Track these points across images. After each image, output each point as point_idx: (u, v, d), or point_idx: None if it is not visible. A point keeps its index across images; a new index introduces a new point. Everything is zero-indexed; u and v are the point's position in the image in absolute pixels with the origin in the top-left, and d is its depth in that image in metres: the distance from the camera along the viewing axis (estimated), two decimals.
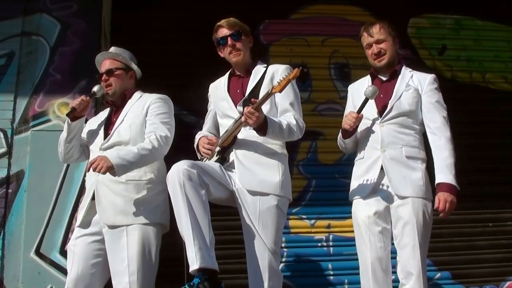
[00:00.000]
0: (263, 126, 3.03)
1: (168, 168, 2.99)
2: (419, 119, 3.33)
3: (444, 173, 3.16)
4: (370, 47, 3.41)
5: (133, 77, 3.59)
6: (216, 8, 4.84)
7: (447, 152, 3.20)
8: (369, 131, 3.35)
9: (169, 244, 3.35)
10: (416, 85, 3.36)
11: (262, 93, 3.15)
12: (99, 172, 3.06)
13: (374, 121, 3.34)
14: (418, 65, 5.52)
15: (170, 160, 3.05)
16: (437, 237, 4.83)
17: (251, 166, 3.17)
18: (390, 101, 3.32)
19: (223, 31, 3.35)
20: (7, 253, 4.22)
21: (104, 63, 3.54)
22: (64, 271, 3.95)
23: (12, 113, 4.48)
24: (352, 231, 3.42)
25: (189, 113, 5.12)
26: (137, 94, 3.54)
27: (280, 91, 2.99)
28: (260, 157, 3.19)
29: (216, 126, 3.50)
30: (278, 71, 3.26)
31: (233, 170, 3.21)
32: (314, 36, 5.54)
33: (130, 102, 3.49)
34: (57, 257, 4.19)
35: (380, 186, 3.26)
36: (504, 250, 5.14)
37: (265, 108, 3.12)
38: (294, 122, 3.19)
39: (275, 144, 3.24)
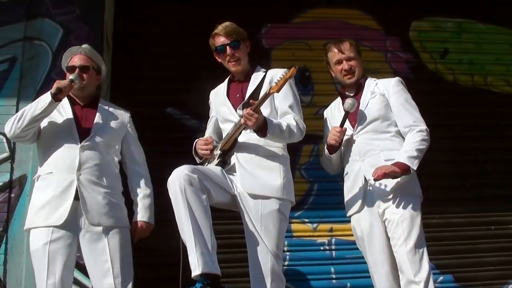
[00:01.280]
0: (262, 127, 3.03)
1: (170, 173, 2.99)
2: (393, 122, 3.39)
3: (400, 154, 3.22)
4: (340, 63, 3.49)
5: (99, 80, 3.64)
6: (218, 12, 4.85)
7: (411, 140, 3.25)
8: (348, 146, 3.42)
9: (168, 248, 3.35)
10: (382, 91, 3.42)
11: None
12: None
13: (350, 135, 3.40)
14: (420, 69, 5.57)
15: (172, 164, 3.05)
16: (440, 240, 4.85)
17: (252, 169, 3.17)
18: (358, 112, 3.38)
19: (221, 39, 3.33)
20: (10, 258, 4.21)
21: (79, 57, 3.52)
22: None
23: None
24: None
25: (191, 117, 5.13)
26: (103, 103, 3.61)
27: (278, 91, 3.01)
28: (261, 159, 3.19)
29: (217, 133, 3.49)
30: (277, 75, 3.25)
31: (234, 173, 3.20)
32: (316, 40, 5.53)
33: (103, 106, 3.54)
34: None
35: (369, 195, 3.30)
36: (506, 253, 5.14)
37: (265, 111, 3.13)
38: (294, 123, 3.19)
39: (276, 147, 3.24)
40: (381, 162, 3.24)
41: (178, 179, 2.87)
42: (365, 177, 3.29)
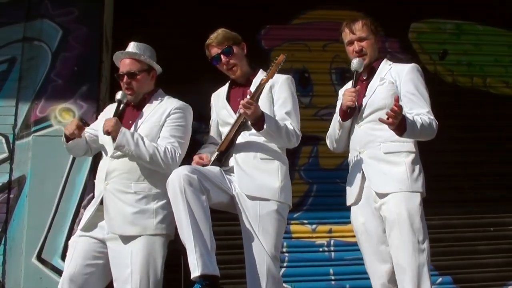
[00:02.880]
0: (260, 119, 3.02)
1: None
2: None
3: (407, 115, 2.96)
4: (352, 44, 3.29)
5: (154, 76, 3.50)
6: (218, 14, 4.87)
7: (422, 117, 3.01)
8: (352, 133, 3.28)
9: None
10: (393, 78, 3.19)
11: (262, 102, 3.17)
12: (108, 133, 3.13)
13: (355, 122, 3.25)
14: None
15: None
16: (438, 241, 4.85)
17: (250, 171, 3.16)
18: (363, 100, 3.20)
19: (214, 50, 3.34)
20: (9, 259, 4.22)
21: (124, 62, 3.38)
22: None
23: (14, 118, 4.49)
24: (353, 236, 3.41)
25: None
26: (157, 98, 3.45)
27: (267, 81, 3.07)
28: (260, 162, 3.19)
29: (220, 134, 3.48)
30: (278, 81, 3.27)
31: (233, 174, 3.20)
32: (315, 41, 5.55)
33: (149, 107, 3.39)
34: (58, 262, 4.19)
35: (366, 188, 3.16)
36: (505, 254, 5.15)
37: None
38: (291, 127, 3.19)
39: (275, 150, 3.23)
40: (380, 154, 3.10)
41: (178, 179, 2.87)
42: (363, 170, 3.16)
